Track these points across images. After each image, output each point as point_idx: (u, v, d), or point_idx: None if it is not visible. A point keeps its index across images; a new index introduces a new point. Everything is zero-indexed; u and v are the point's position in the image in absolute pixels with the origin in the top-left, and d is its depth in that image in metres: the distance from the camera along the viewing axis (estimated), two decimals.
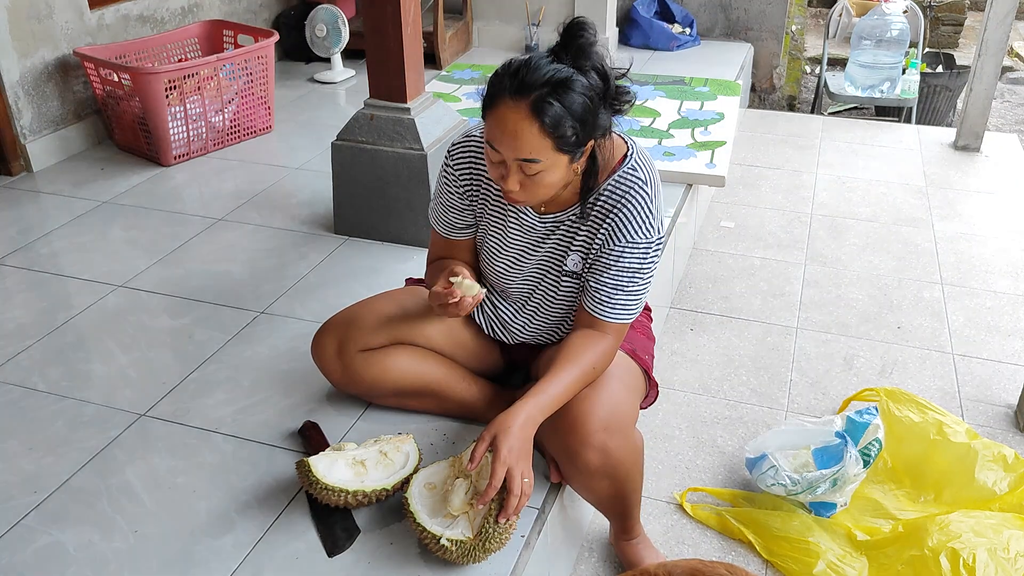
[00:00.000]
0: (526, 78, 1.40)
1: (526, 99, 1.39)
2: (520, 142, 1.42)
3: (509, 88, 1.41)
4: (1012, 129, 5.47)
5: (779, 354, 2.71)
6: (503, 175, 1.49)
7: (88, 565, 1.55)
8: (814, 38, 6.71)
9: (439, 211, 1.76)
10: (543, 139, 1.41)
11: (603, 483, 1.62)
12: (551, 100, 1.39)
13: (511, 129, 1.41)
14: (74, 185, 3.12)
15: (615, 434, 1.56)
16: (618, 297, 1.59)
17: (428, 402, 1.85)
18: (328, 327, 1.82)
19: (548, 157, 1.44)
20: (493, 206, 1.70)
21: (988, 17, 3.94)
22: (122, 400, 1.98)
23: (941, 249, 3.33)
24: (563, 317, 1.77)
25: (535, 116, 1.40)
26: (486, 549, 1.47)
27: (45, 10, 3.18)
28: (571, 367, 1.54)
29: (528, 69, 1.41)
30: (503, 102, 1.42)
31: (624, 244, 1.57)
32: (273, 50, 3.50)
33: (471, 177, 1.69)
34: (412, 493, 1.56)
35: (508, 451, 1.44)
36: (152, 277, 2.51)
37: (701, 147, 3.25)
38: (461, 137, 1.70)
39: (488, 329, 1.85)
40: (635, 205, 1.56)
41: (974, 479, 2.07)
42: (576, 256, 1.65)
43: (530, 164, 1.44)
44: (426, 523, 1.50)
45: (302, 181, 3.15)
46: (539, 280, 1.73)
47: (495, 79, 1.45)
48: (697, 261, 3.24)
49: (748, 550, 2.02)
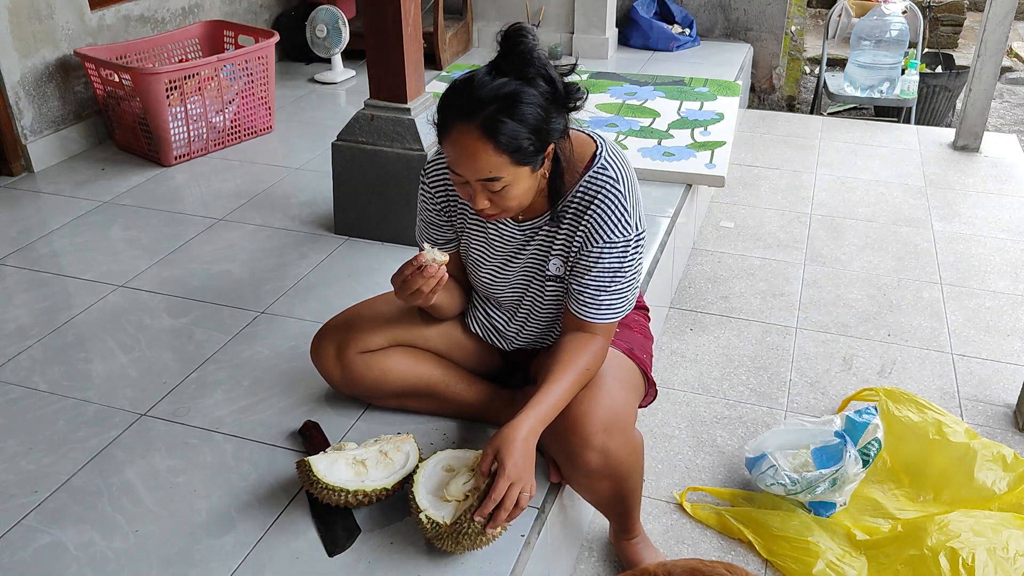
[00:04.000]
0: (471, 98, 1.38)
1: (475, 120, 1.38)
2: (478, 163, 1.41)
3: (457, 112, 1.40)
4: (1011, 129, 5.48)
5: (778, 354, 2.71)
6: (470, 195, 1.48)
7: (88, 565, 1.55)
8: (814, 38, 6.72)
9: (421, 227, 1.77)
10: (499, 156, 1.40)
11: (604, 483, 1.62)
12: (500, 117, 1.37)
13: (467, 152, 1.41)
14: (75, 185, 3.12)
15: (615, 435, 1.56)
16: (601, 297, 1.59)
17: (428, 403, 1.86)
18: (327, 330, 1.82)
19: (508, 172, 1.43)
20: (472, 219, 1.70)
21: (987, 17, 3.94)
22: (122, 400, 1.99)
23: (940, 249, 3.33)
24: (554, 321, 1.78)
25: (487, 136, 1.38)
26: (458, 542, 1.47)
27: (46, 10, 3.18)
28: (566, 372, 1.54)
29: (472, 88, 1.39)
30: (454, 126, 1.41)
31: (602, 245, 1.56)
32: (273, 50, 3.50)
33: (446, 193, 1.69)
34: (427, 464, 1.59)
35: (513, 467, 1.45)
36: (152, 277, 2.51)
37: (701, 147, 3.26)
38: (434, 155, 1.69)
39: (485, 337, 1.86)
40: (608, 205, 1.54)
41: (973, 479, 2.08)
42: (557, 260, 1.65)
43: (493, 183, 1.44)
44: (419, 494, 1.53)
45: (302, 181, 3.15)
46: (525, 287, 1.73)
47: (443, 104, 1.43)
48: (697, 261, 3.24)
49: (748, 550, 2.02)
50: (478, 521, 1.45)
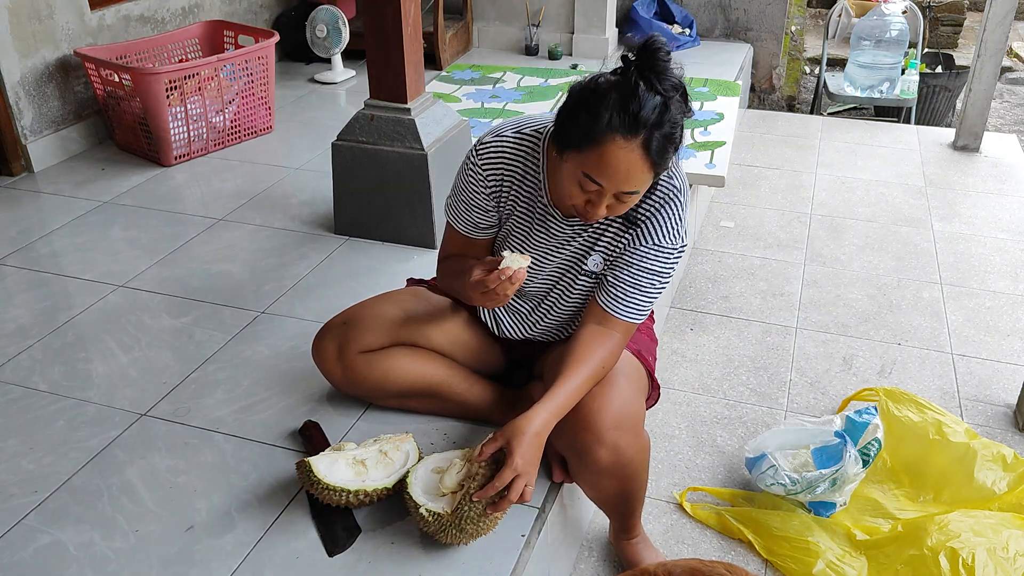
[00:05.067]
0: (638, 116, 1.38)
1: (637, 138, 1.39)
2: (630, 178, 1.43)
3: (620, 126, 1.38)
4: (1011, 129, 5.48)
5: (779, 354, 2.71)
6: (593, 201, 1.48)
7: (88, 564, 1.55)
8: (814, 38, 6.71)
9: (461, 209, 1.72)
10: (649, 172, 1.44)
11: (611, 481, 1.63)
12: (660, 137, 1.40)
13: (622, 167, 1.41)
14: (75, 185, 3.12)
15: (626, 432, 1.57)
16: (633, 296, 1.60)
17: (429, 403, 1.85)
18: (328, 329, 1.82)
19: (646, 184, 1.47)
20: (520, 208, 1.68)
21: (987, 17, 3.94)
22: (122, 400, 1.99)
23: (940, 249, 3.33)
24: (574, 316, 1.78)
25: (646, 154, 1.40)
26: (462, 529, 1.48)
27: (46, 10, 3.18)
28: (582, 367, 1.55)
29: (639, 106, 1.38)
30: (612, 139, 1.39)
31: (651, 246, 1.59)
32: (273, 50, 3.50)
33: (501, 178, 1.66)
34: (417, 469, 1.59)
35: (521, 459, 1.46)
36: (152, 277, 2.51)
37: (701, 147, 3.26)
38: (490, 136, 1.66)
39: (494, 327, 1.85)
40: (669, 211, 1.59)
41: (973, 479, 2.08)
42: (598, 257, 1.66)
43: (630, 195, 1.46)
44: (415, 492, 1.54)
45: (302, 181, 3.15)
46: (557, 279, 1.74)
47: (596, 111, 1.40)
48: (697, 261, 3.24)
49: (748, 550, 2.02)
50: (477, 502, 1.46)
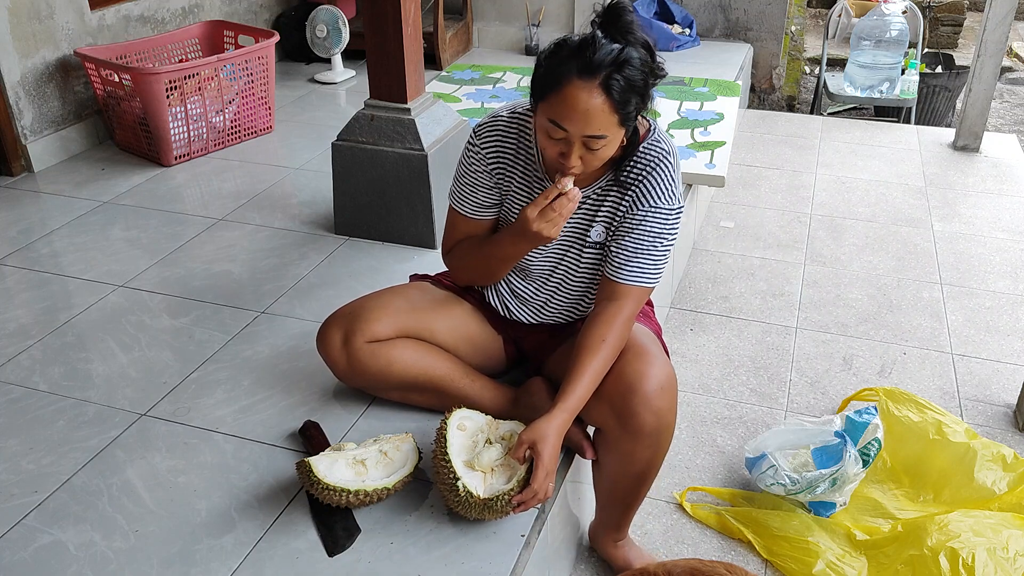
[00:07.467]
0: (594, 58, 1.43)
1: (596, 78, 1.44)
2: (591, 119, 1.46)
3: (577, 68, 1.44)
4: (1011, 129, 5.48)
5: (778, 354, 2.71)
6: (564, 152, 1.52)
7: (88, 564, 1.55)
8: (814, 38, 6.71)
9: (464, 192, 1.77)
10: (611, 115, 1.47)
11: (647, 451, 1.63)
12: (617, 77, 1.44)
13: (582, 108, 1.45)
14: (75, 185, 3.12)
15: (667, 397, 1.60)
16: (638, 260, 1.63)
17: (431, 397, 1.85)
18: (335, 318, 1.82)
19: (612, 132, 1.49)
20: (519, 184, 1.73)
21: (987, 17, 3.94)
22: (122, 400, 1.99)
23: (940, 249, 3.33)
24: (583, 293, 1.80)
25: (606, 94, 1.44)
26: (482, 514, 1.55)
27: (46, 10, 3.18)
28: (593, 359, 1.58)
29: (594, 49, 1.44)
30: (570, 82, 1.45)
31: (647, 208, 1.62)
32: (273, 50, 3.50)
33: (498, 155, 1.72)
34: (450, 428, 1.60)
35: (550, 459, 1.53)
36: (152, 277, 2.51)
37: (701, 147, 3.26)
38: (487, 118, 1.74)
39: (504, 311, 1.86)
40: (660, 173, 1.63)
41: (973, 479, 2.08)
42: (600, 227, 1.69)
43: (596, 140, 1.49)
44: (454, 459, 1.56)
45: (302, 181, 3.15)
46: (563, 255, 1.76)
47: (555, 61, 1.47)
48: (697, 261, 3.24)
49: (748, 550, 2.02)
50: (510, 500, 1.53)
